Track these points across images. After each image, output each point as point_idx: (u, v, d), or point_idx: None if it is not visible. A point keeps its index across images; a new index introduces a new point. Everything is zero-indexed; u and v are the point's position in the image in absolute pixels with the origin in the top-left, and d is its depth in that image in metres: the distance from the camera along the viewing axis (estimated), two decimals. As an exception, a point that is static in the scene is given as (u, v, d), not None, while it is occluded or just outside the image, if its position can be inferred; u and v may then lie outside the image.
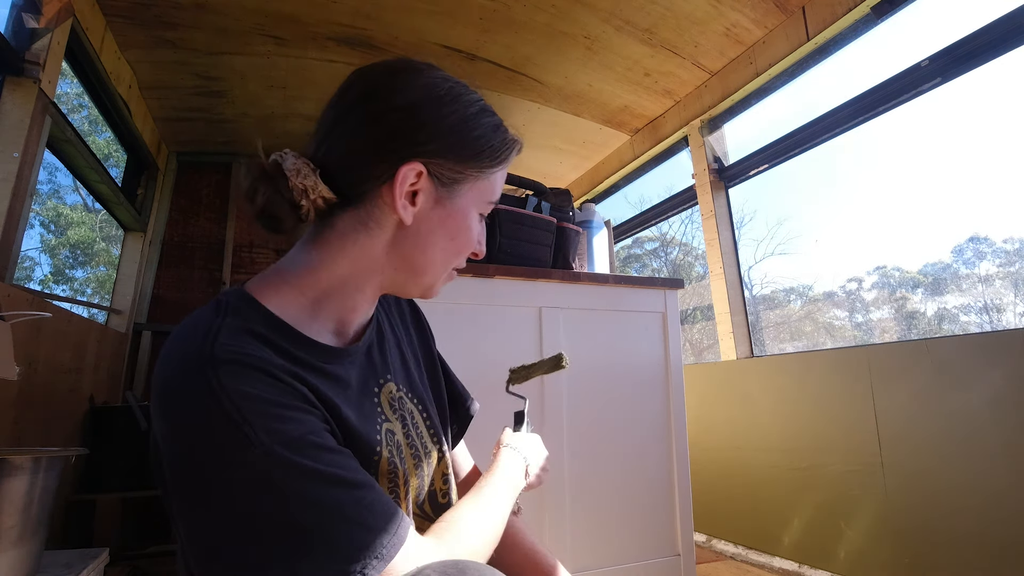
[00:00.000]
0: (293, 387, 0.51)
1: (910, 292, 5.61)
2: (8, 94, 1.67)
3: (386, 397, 0.67)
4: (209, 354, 0.48)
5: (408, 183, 0.59)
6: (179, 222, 3.28)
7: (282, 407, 0.49)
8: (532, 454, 0.82)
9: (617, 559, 1.54)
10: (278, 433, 0.47)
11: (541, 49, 2.40)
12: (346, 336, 0.64)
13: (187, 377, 0.48)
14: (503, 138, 0.65)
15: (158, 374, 0.51)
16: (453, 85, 0.63)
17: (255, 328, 0.54)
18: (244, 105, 2.86)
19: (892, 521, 1.70)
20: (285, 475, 0.47)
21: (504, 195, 1.65)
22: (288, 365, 0.53)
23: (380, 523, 0.49)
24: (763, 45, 2.27)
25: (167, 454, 0.50)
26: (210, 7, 2.10)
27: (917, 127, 7.12)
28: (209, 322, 0.52)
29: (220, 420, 0.47)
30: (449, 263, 0.64)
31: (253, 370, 0.49)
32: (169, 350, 0.52)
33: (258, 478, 0.47)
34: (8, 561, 0.97)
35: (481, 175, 0.63)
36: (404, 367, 0.74)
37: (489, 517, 0.64)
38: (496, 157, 0.64)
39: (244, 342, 0.51)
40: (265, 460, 0.46)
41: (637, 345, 1.69)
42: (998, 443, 1.47)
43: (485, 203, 0.65)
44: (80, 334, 2.13)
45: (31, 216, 1.85)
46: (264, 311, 0.56)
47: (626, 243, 4.93)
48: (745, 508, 2.24)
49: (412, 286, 0.65)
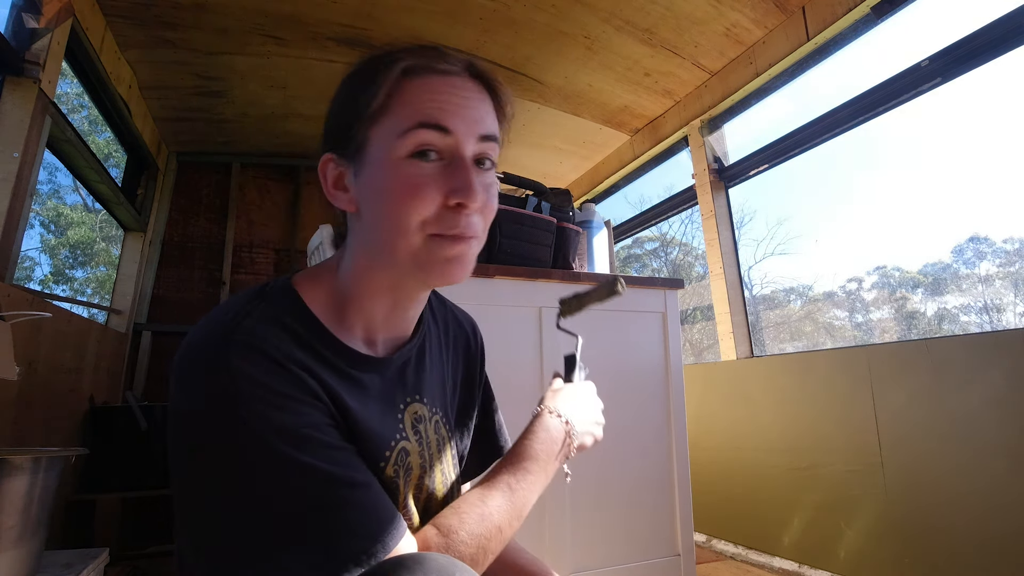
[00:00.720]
0: (301, 379, 0.51)
1: (910, 292, 5.61)
2: (8, 94, 1.67)
3: (410, 416, 0.64)
4: (230, 333, 0.50)
5: (330, 175, 0.60)
6: (179, 222, 3.28)
7: (284, 397, 0.49)
8: (577, 412, 0.72)
9: (617, 559, 1.54)
10: (272, 420, 0.47)
11: (541, 49, 2.39)
12: (375, 346, 0.63)
13: (203, 350, 0.50)
14: (377, 64, 0.57)
15: (184, 341, 0.53)
16: (355, 69, 0.60)
17: (286, 319, 0.54)
18: (244, 105, 2.85)
19: (892, 521, 1.70)
20: (270, 463, 0.47)
21: (504, 195, 1.65)
22: (305, 358, 0.53)
23: (368, 526, 0.49)
24: (763, 45, 2.27)
25: (170, 418, 0.51)
26: (210, 7, 2.10)
27: (917, 127, 7.12)
28: (244, 304, 0.54)
29: (218, 396, 0.47)
30: (407, 220, 0.54)
31: (264, 357, 0.49)
32: (202, 322, 0.53)
33: (245, 462, 0.47)
34: (8, 561, 0.97)
35: (375, 120, 0.55)
36: (442, 392, 0.71)
37: (493, 512, 0.59)
38: (375, 85, 0.55)
39: (268, 330, 0.52)
40: (255, 445, 0.47)
41: (637, 345, 1.69)
42: (998, 443, 1.47)
43: (399, 134, 0.54)
44: (80, 334, 2.13)
45: (31, 216, 1.85)
46: (300, 304, 0.57)
47: (626, 243, 4.93)
48: (745, 508, 2.24)
49: (406, 270, 0.57)
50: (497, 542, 0.58)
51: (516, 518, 0.60)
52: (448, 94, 0.56)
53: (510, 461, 0.64)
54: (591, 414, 0.75)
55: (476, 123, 0.57)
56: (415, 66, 0.56)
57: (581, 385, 0.78)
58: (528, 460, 0.64)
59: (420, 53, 0.57)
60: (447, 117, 0.55)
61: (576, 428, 0.70)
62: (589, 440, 0.74)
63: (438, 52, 0.58)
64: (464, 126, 0.56)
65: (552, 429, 0.68)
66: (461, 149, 0.56)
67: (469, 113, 0.56)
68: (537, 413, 0.70)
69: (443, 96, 0.56)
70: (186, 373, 0.50)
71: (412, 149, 0.54)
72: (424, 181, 0.54)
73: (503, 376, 0.96)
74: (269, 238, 3.47)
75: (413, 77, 0.56)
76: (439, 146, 0.55)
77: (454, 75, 0.57)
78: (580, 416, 0.72)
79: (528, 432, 0.68)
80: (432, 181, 0.54)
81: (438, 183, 0.55)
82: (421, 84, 0.56)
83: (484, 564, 0.58)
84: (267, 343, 0.50)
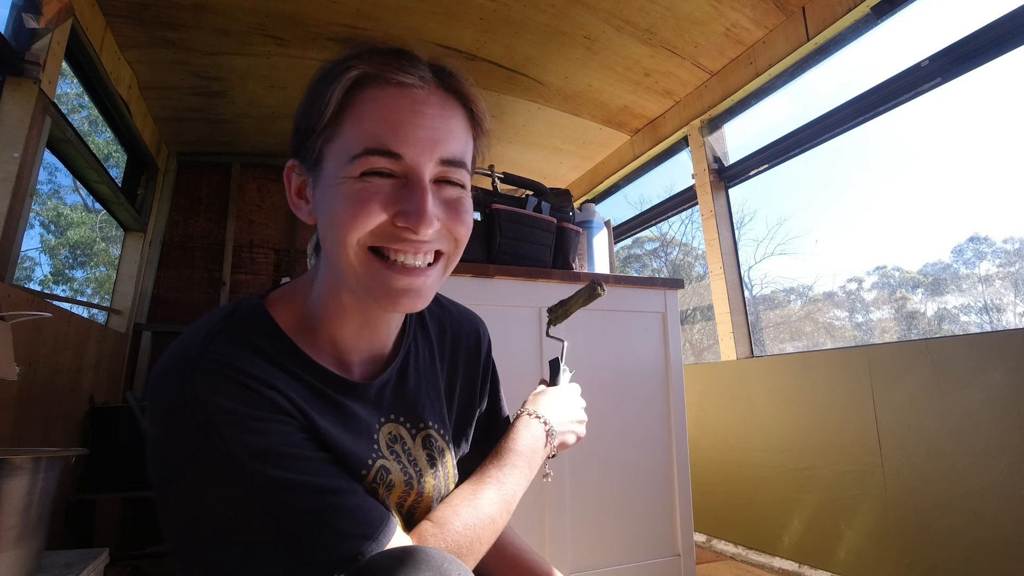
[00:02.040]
0: (270, 398, 0.50)
1: (910, 292, 5.61)
2: (8, 94, 1.67)
3: (385, 437, 0.62)
4: (194, 361, 0.49)
5: (294, 182, 0.58)
6: (179, 222, 3.28)
7: (255, 419, 0.48)
8: (556, 413, 0.74)
9: (617, 559, 1.54)
10: (249, 444, 0.47)
11: (541, 49, 2.39)
12: (350, 365, 0.61)
13: (169, 383, 0.49)
14: (332, 72, 0.53)
15: (155, 368, 0.52)
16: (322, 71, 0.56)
17: (253, 339, 0.54)
18: (244, 105, 2.85)
19: (892, 521, 1.70)
20: (255, 486, 0.47)
21: (504, 195, 1.65)
22: (272, 376, 0.52)
23: (359, 528, 0.49)
24: (763, 45, 2.27)
25: (148, 450, 0.51)
26: (210, 7, 2.10)
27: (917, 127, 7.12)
28: (212, 325, 0.53)
29: (192, 430, 0.47)
30: (346, 236, 0.51)
31: (229, 381, 0.49)
32: (169, 350, 0.53)
33: (229, 488, 0.47)
34: (8, 561, 0.97)
35: (328, 138, 0.53)
36: (436, 404, 0.69)
37: (485, 504, 0.60)
38: (326, 97, 0.51)
39: (233, 352, 0.51)
40: (235, 471, 0.47)
41: (637, 345, 1.69)
42: (998, 443, 1.47)
43: (348, 159, 0.50)
44: (80, 334, 2.13)
45: (31, 216, 1.85)
46: (270, 323, 0.57)
47: (626, 243, 4.93)
48: (745, 508, 2.24)
49: (360, 293, 0.54)
50: (490, 532, 0.59)
51: (506, 510, 0.62)
52: (404, 111, 0.51)
53: (496, 457, 0.67)
54: (571, 414, 0.78)
55: (435, 145, 0.51)
56: (369, 75, 0.51)
57: (565, 387, 0.81)
58: (513, 455, 0.67)
59: (378, 60, 0.52)
60: (398, 141, 0.50)
61: (555, 428, 0.73)
62: (571, 438, 0.77)
63: (399, 58, 0.52)
64: (418, 149, 0.51)
65: (532, 428, 0.71)
66: (417, 171, 0.51)
67: (427, 134, 0.51)
68: (517, 415, 0.73)
69: (398, 115, 0.50)
70: (156, 405, 0.49)
71: (361, 172, 0.50)
72: (369, 197, 0.50)
73: (503, 376, 0.96)
74: (269, 238, 3.47)
75: (366, 89, 0.51)
76: (393, 168, 0.51)
77: (414, 87, 0.52)
78: (559, 416, 0.75)
79: (509, 432, 0.70)
80: (380, 198, 0.50)
81: (388, 201, 0.51)
82: (374, 98, 0.51)
83: (479, 553, 0.58)
84: (231, 367, 0.49)
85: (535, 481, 0.71)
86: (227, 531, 0.48)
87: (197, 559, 0.50)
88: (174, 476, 0.49)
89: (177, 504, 0.50)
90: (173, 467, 0.49)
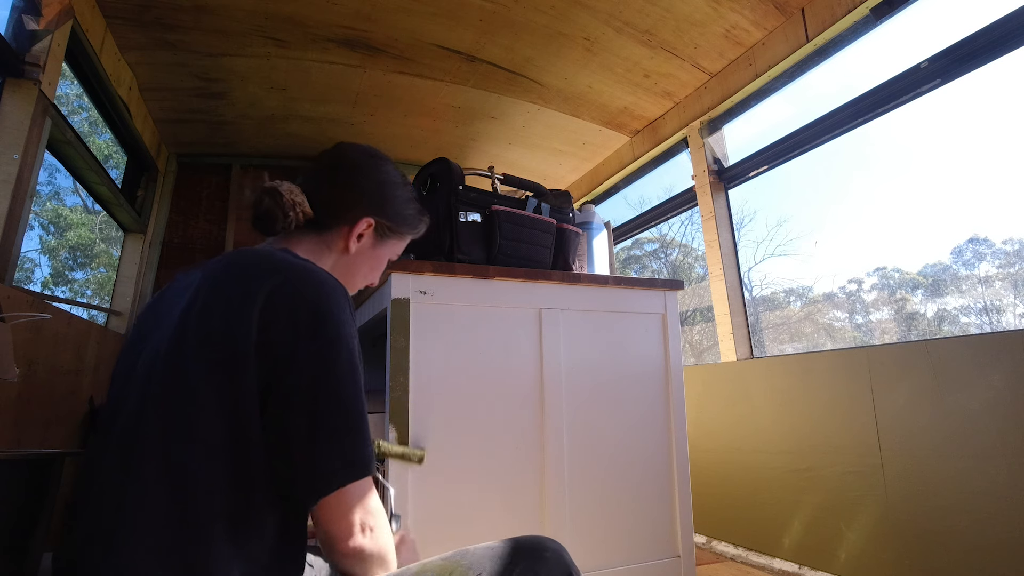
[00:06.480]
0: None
1: (910, 293, 5.61)
2: (8, 96, 1.67)
3: None
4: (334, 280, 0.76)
5: (360, 229, 0.89)
6: (179, 224, 3.28)
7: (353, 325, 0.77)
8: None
9: (617, 561, 1.54)
10: (354, 337, 0.73)
11: (541, 50, 2.40)
12: None
13: (331, 281, 0.74)
14: (421, 218, 0.99)
15: (314, 277, 0.72)
16: (402, 176, 0.97)
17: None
18: (244, 107, 2.86)
19: (892, 522, 1.69)
20: (357, 374, 0.71)
21: (504, 196, 1.65)
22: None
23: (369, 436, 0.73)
24: (762, 47, 2.28)
25: (312, 351, 0.69)
26: (210, 9, 2.11)
27: (917, 128, 7.13)
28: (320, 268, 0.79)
29: (347, 304, 0.74)
30: (360, 285, 0.95)
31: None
32: (309, 270, 0.73)
33: (350, 370, 0.70)
34: (8, 561, 0.97)
35: (401, 237, 0.96)
36: None
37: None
38: (415, 228, 0.98)
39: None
40: (352, 357, 0.71)
41: (637, 346, 1.69)
42: (999, 445, 1.46)
43: (395, 255, 0.98)
44: (80, 335, 2.13)
45: (31, 218, 1.85)
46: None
47: (626, 244, 4.94)
48: (745, 509, 2.24)
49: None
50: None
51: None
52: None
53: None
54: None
55: None
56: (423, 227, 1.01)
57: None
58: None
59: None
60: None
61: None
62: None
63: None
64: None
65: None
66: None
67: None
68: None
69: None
70: (330, 288, 0.73)
71: (392, 259, 0.99)
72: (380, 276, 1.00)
73: (503, 377, 0.96)
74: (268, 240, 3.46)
75: (418, 233, 1.01)
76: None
77: None
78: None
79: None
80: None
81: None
82: (411, 238, 1.00)
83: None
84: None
85: (535, 481, 0.75)
86: (347, 395, 0.69)
87: (320, 415, 0.67)
88: (336, 331, 0.70)
89: (331, 352, 0.69)
90: (336, 321, 0.70)
